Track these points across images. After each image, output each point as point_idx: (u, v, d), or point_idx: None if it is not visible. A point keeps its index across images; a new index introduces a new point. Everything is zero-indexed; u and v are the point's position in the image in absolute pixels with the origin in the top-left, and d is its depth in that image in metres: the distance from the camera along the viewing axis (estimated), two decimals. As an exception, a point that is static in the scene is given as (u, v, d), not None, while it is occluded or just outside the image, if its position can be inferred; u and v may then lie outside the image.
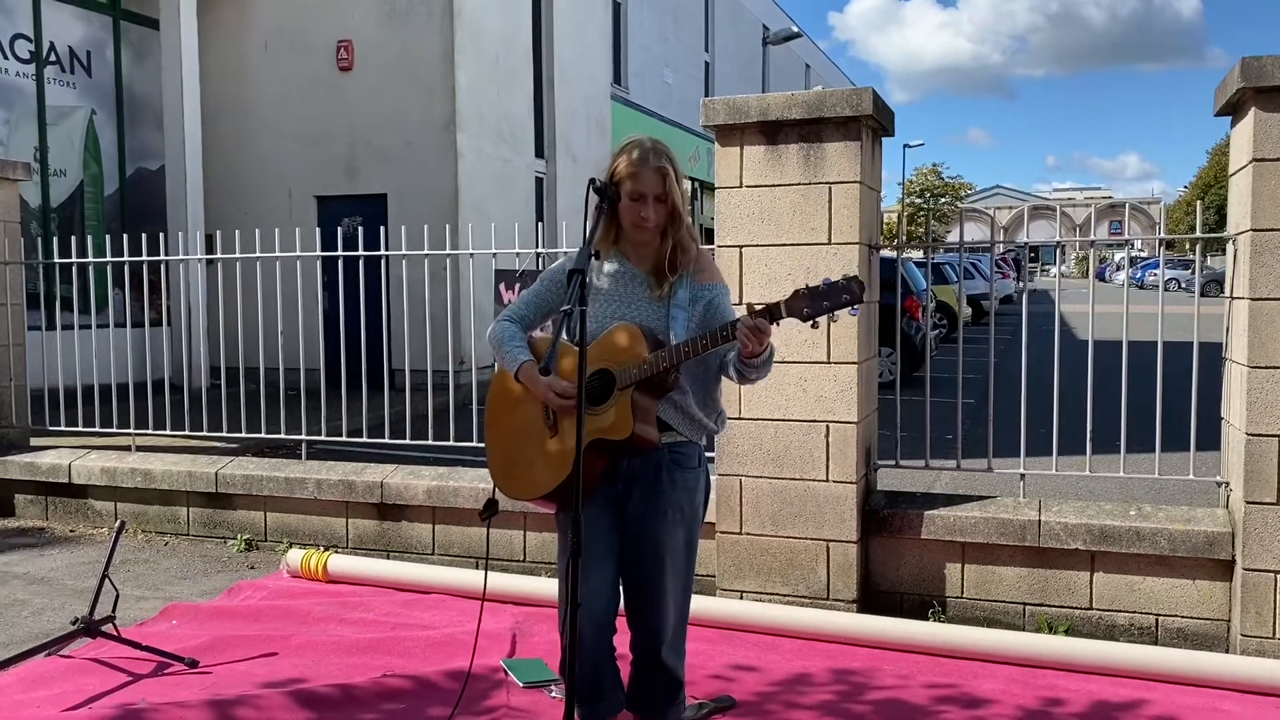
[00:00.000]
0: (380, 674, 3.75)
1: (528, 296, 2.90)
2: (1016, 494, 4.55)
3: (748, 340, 2.49)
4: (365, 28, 11.95)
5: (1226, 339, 4.25)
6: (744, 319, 2.51)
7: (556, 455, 2.69)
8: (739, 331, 2.50)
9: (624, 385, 2.60)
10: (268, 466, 5.79)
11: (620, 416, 2.60)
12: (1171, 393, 4.45)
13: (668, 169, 2.66)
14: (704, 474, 2.84)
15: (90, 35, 11.76)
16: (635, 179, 2.64)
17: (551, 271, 2.92)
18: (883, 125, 4.52)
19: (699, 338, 2.56)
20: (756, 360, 2.58)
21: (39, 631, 4.34)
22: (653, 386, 2.63)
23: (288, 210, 12.01)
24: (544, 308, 2.88)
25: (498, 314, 2.96)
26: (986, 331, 5.03)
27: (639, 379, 2.59)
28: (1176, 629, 4.16)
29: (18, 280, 6.64)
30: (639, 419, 2.61)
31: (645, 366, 2.58)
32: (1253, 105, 3.87)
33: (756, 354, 2.54)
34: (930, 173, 66.62)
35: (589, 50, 15.85)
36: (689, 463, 2.77)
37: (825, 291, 2.50)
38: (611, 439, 2.61)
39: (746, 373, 2.64)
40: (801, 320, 2.52)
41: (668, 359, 2.57)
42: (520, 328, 2.84)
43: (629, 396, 2.60)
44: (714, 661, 3.89)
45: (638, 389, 2.61)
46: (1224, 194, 4.71)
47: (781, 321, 2.53)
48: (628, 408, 2.60)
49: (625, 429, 2.60)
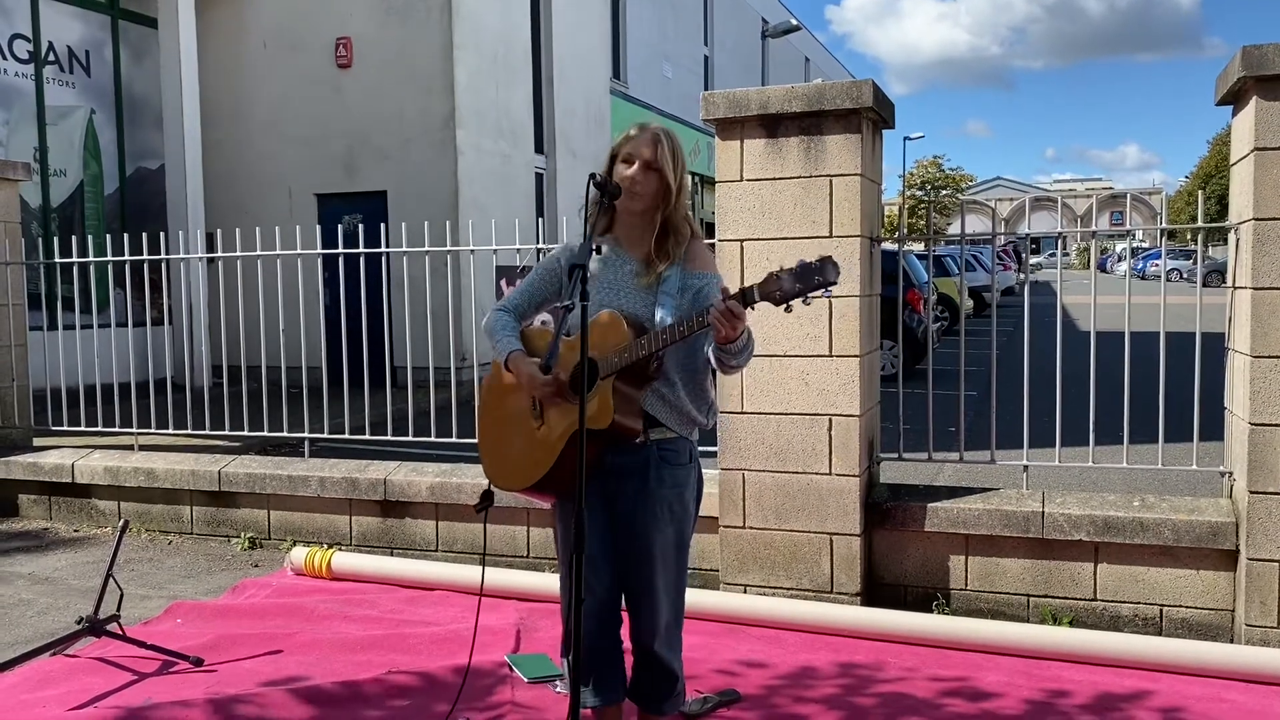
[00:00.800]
0: (385, 670, 3.76)
1: (522, 287, 2.89)
2: (1020, 486, 4.55)
3: (721, 324, 2.43)
4: (364, 25, 11.94)
5: (1229, 329, 4.24)
6: (716, 303, 2.46)
7: (542, 445, 2.69)
8: (711, 317, 2.44)
9: (605, 374, 2.58)
10: (271, 465, 5.79)
11: (601, 405, 2.57)
12: (1174, 383, 4.44)
13: (662, 138, 2.69)
14: (694, 469, 2.81)
15: (89, 35, 11.75)
16: (629, 142, 2.71)
17: (546, 261, 2.90)
18: (883, 117, 4.51)
19: (678, 323, 2.52)
20: (733, 346, 2.51)
21: (44, 631, 4.34)
22: (635, 375, 2.60)
23: (288, 208, 12.01)
24: (538, 298, 2.88)
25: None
26: (988, 323, 5.02)
27: (619, 367, 2.56)
28: (1181, 619, 4.16)
29: (19, 280, 6.64)
30: (620, 408, 2.59)
31: (625, 354, 2.55)
32: (1254, 94, 3.86)
33: (731, 339, 2.47)
34: (931, 164, 66.49)
35: (588, 45, 15.83)
36: (678, 459, 2.74)
37: (799, 273, 2.41)
38: (592, 429, 2.58)
39: (725, 359, 2.57)
40: (774, 304, 2.43)
41: (648, 346, 2.54)
42: (514, 318, 2.84)
43: (610, 385, 2.58)
44: (719, 656, 3.89)
45: (619, 377, 2.58)
46: (1226, 183, 4.71)
47: (756, 305, 2.45)
48: (608, 396, 2.57)
49: (605, 418, 2.57)
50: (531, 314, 2.88)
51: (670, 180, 2.69)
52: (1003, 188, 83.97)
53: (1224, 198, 5.48)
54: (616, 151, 2.73)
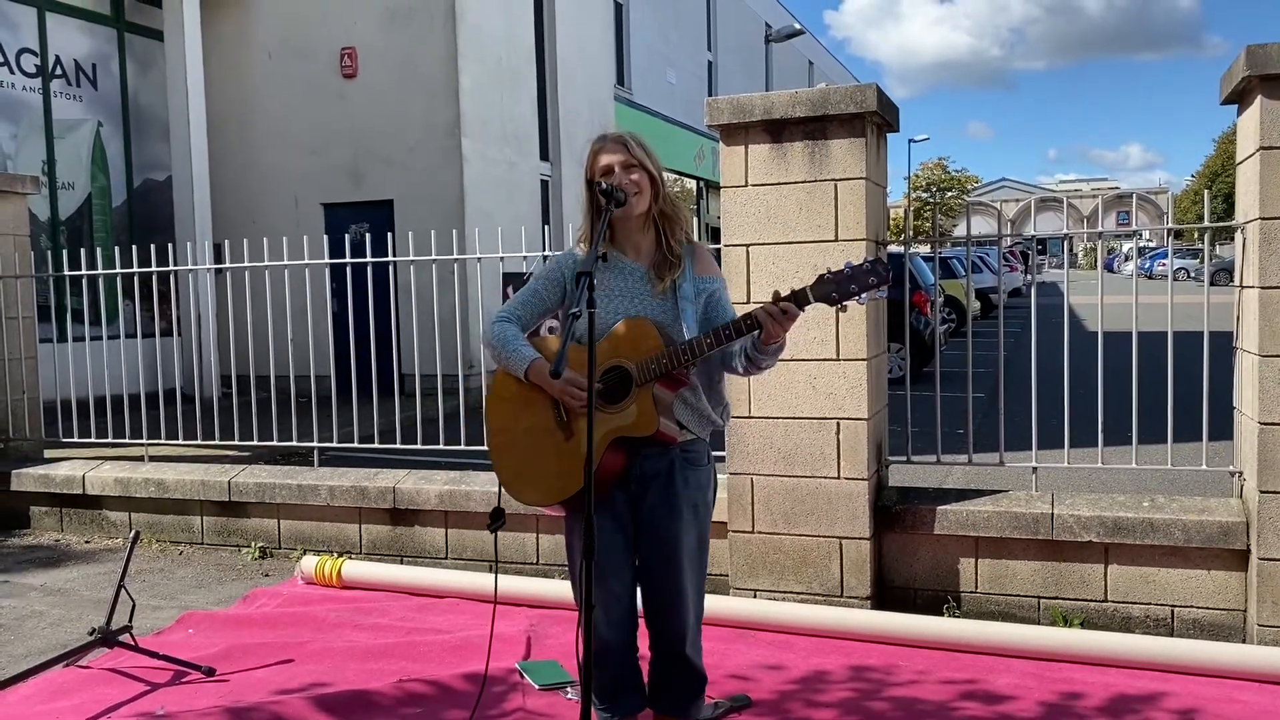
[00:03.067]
0: (396, 679, 3.76)
1: (524, 296, 2.85)
2: (1029, 487, 4.54)
3: (772, 325, 2.50)
4: (368, 35, 11.98)
5: (1237, 328, 4.24)
6: (768, 304, 2.51)
7: (573, 458, 2.64)
8: (762, 315, 2.50)
9: (644, 380, 2.58)
10: (280, 474, 5.81)
11: (644, 412, 2.58)
12: (1183, 383, 4.43)
13: (626, 138, 2.75)
14: (712, 469, 2.84)
15: (95, 48, 11.81)
16: (599, 157, 2.75)
17: (547, 270, 2.88)
18: (887, 121, 4.52)
19: (721, 329, 2.55)
20: (773, 346, 2.58)
21: (57, 642, 4.36)
22: (670, 381, 2.62)
23: (295, 218, 12.04)
24: (541, 307, 2.86)
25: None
26: (995, 325, 5.02)
27: (659, 373, 2.58)
28: (1192, 620, 4.15)
29: (29, 293, 6.68)
30: (662, 414, 2.61)
31: (664, 360, 2.56)
32: (1259, 93, 3.86)
33: (777, 339, 2.55)
34: (936, 166, 66.42)
35: (591, 51, 15.86)
36: (700, 460, 2.78)
37: (851, 275, 2.49)
38: (635, 435, 2.60)
39: (759, 360, 2.63)
40: (829, 305, 2.51)
41: (689, 353, 2.56)
42: (518, 327, 2.80)
43: (650, 391, 2.59)
44: (730, 661, 3.89)
45: (658, 384, 2.60)
46: (1232, 182, 4.70)
47: (809, 307, 2.53)
48: (650, 403, 2.58)
49: (650, 424, 2.58)
50: (534, 323, 2.86)
51: (653, 171, 2.75)
52: (1008, 189, 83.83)
53: (1230, 196, 5.47)
54: (591, 175, 2.76)
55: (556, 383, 2.62)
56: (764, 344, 2.58)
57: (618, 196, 2.66)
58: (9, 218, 6.63)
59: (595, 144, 2.78)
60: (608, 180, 2.70)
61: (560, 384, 2.62)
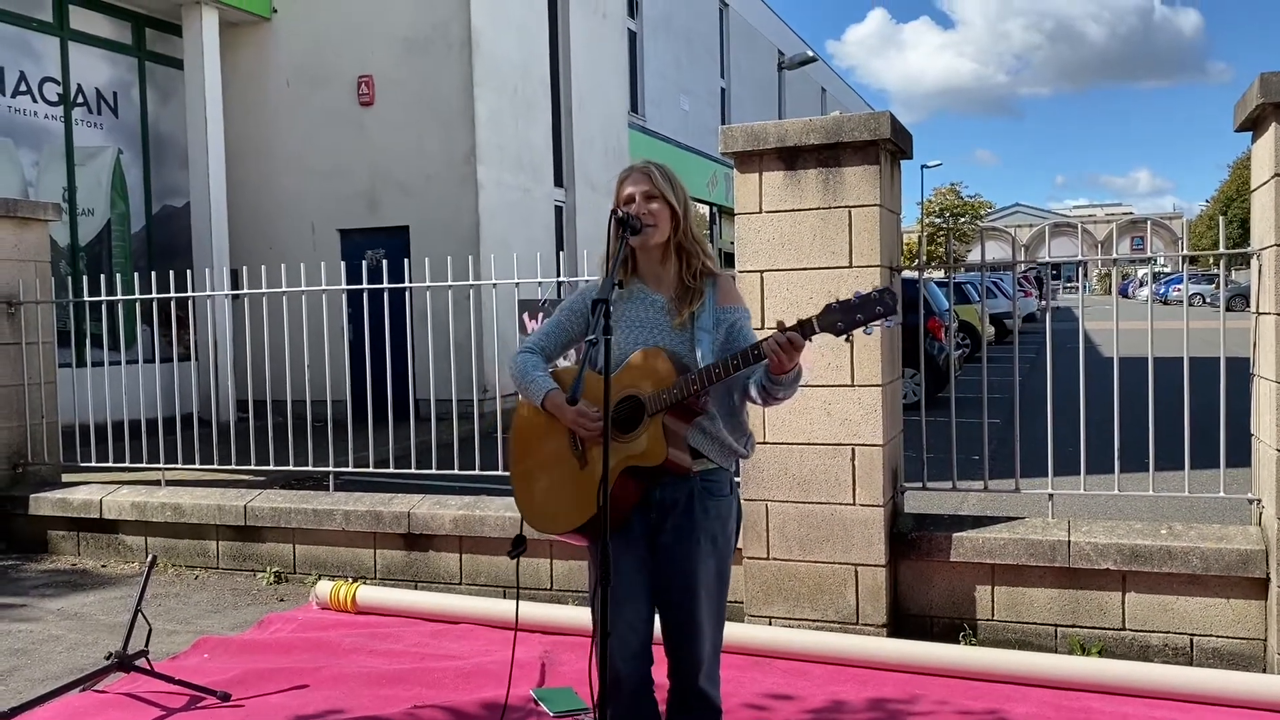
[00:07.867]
0: (411, 705, 3.76)
1: (548, 327, 2.89)
2: (1045, 514, 4.52)
3: (777, 355, 2.48)
4: (385, 63, 12.11)
5: (1254, 354, 4.22)
6: (775, 334, 2.50)
7: (587, 487, 2.65)
8: (767, 346, 2.48)
9: (654, 410, 2.59)
10: (295, 499, 5.83)
11: (653, 442, 2.59)
12: (1200, 409, 4.41)
13: (651, 169, 2.76)
14: (734, 500, 2.82)
15: (116, 77, 11.98)
16: (624, 185, 2.78)
17: (571, 301, 2.92)
18: (901, 148, 4.54)
19: (729, 358, 2.54)
20: (785, 377, 2.55)
21: (73, 667, 4.37)
22: (683, 411, 2.62)
23: (311, 244, 12.15)
24: (564, 337, 2.88)
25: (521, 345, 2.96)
26: (1010, 350, 5.01)
27: (669, 403, 2.58)
28: (1211, 649, 4.11)
29: (49, 319, 6.74)
30: (671, 444, 2.61)
31: (675, 390, 2.57)
32: (1273, 120, 3.87)
33: (786, 370, 2.52)
34: (949, 192, 66.46)
35: (605, 79, 15.98)
36: (721, 490, 2.75)
37: (858, 304, 2.47)
38: (644, 465, 2.60)
39: (774, 390, 2.60)
40: (835, 334, 2.49)
41: (698, 382, 2.56)
42: (541, 358, 2.83)
43: (660, 421, 2.59)
44: (746, 689, 3.87)
45: (668, 414, 2.60)
46: (1246, 208, 4.69)
47: (815, 337, 2.50)
48: (659, 433, 2.58)
49: (659, 455, 2.59)
50: (558, 354, 2.88)
51: (674, 203, 2.75)
52: (1022, 214, 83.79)
53: (1245, 222, 5.46)
54: (616, 205, 2.78)
55: (569, 412, 2.63)
56: (774, 374, 2.57)
57: (633, 225, 2.68)
58: (30, 244, 6.71)
59: (623, 173, 2.81)
60: (627, 209, 2.72)
61: (573, 413, 2.63)
